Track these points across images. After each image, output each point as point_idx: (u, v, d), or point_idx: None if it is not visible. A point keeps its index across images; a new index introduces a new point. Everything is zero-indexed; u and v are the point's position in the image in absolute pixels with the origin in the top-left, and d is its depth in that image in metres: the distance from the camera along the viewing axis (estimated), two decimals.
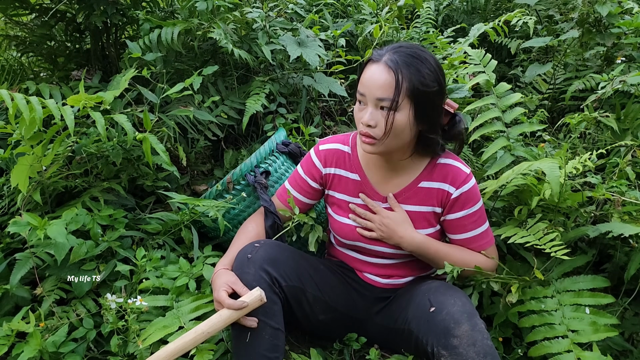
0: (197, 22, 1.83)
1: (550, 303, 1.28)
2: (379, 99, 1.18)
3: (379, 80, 1.17)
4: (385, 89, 1.17)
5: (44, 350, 1.16)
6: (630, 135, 1.69)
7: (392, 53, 1.20)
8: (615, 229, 1.25)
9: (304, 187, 1.44)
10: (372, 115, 1.19)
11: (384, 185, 1.35)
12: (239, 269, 1.22)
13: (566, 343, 1.19)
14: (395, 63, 1.17)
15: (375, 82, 1.18)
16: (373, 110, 1.19)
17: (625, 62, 2.03)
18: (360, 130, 1.23)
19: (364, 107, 1.22)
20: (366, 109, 1.21)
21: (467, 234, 1.30)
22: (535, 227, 1.31)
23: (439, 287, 1.26)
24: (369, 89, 1.19)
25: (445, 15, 3.22)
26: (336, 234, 1.42)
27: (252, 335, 1.16)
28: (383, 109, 1.18)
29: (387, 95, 1.17)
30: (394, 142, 1.22)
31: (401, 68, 1.17)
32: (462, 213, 1.30)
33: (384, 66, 1.18)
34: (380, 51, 1.23)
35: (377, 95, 1.17)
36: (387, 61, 1.18)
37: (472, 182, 1.30)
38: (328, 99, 2.40)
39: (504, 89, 1.61)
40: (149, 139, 1.39)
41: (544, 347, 1.21)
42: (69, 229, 1.28)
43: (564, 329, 1.22)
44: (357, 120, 1.25)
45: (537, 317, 1.27)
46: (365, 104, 1.22)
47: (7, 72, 2.06)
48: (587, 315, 1.22)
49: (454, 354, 1.08)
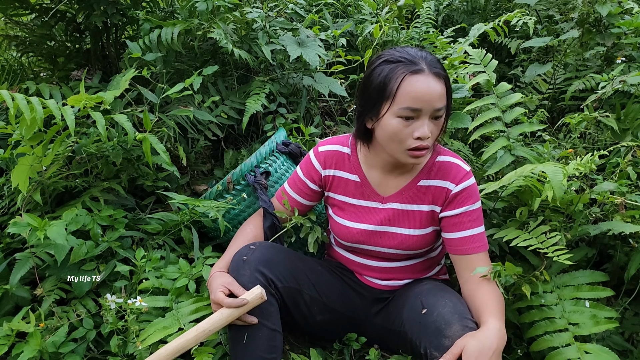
0: (197, 22, 1.83)
1: (550, 298, 1.27)
2: (437, 109, 1.16)
3: (435, 91, 1.14)
4: (442, 98, 1.16)
5: (44, 350, 1.16)
6: (631, 135, 1.69)
7: (431, 62, 1.17)
8: (616, 227, 1.26)
9: (302, 189, 1.44)
10: (429, 126, 1.17)
11: (383, 186, 1.35)
12: (234, 271, 1.22)
13: (567, 336, 1.19)
14: (441, 70, 1.17)
15: (433, 94, 1.14)
16: (428, 122, 1.17)
17: (625, 62, 2.03)
18: (416, 145, 1.17)
19: (410, 122, 1.17)
20: (416, 123, 1.17)
21: (463, 233, 1.28)
22: (538, 230, 1.31)
23: (431, 289, 1.26)
24: (428, 102, 1.14)
25: (445, 15, 3.22)
26: (336, 235, 1.42)
27: (249, 337, 1.16)
28: (435, 118, 1.18)
29: (444, 104, 1.18)
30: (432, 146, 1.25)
31: (445, 74, 1.18)
32: (460, 210, 1.28)
33: (433, 76, 1.15)
34: (413, 58, 1.17)
35: (437, 106, 1.15)
36: (434, 70, 1.16)
37: (471, 180, 1.29)
38: (328, 99, 2.40)
39: (504, 89, 1.61)
40: (149, 139, 1.39)
41: (545, 341, 1.21)
42: (69, 230, 1.29)
43: (564, 322, 1.21)
44: (402, 136, 1.18)
45: (537, 312, 1.26)
46: (415, 119, 1.16)
47: (7, 72, 2.06)
48: (587, 308, 1.22)
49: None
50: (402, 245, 1.33)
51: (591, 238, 1.43)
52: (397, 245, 1.33)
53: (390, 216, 1.33)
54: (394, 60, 1.17)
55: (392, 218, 1.33)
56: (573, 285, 1.29)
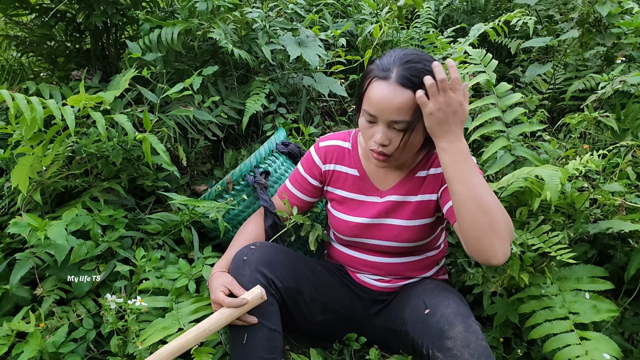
0: (197, 22, 1.83)
1: (550, 289, 1.27)
2: (393, 122, 1.12)
3: (392, 102, 1.10)
4: (401, 112, 1.10)
5: (44, 350, 1.16)
6: (630, 135, 1.69)
7: (403, 69, 1.10)
8: (616, 225, 1.26)
9: (304, 185, 1.44)
10: (385, 135, 1.14)
11: (382, 181, 1.35)
12: (235, 271, 1.22)
13: (567, 324, 1.18)
14: (410, 81, 1.09)
15: (389, 105, 1.10)
16: (385, 130, 1.14)
17: (625, 62, 2.03)
18: (373, 148, 1.18)
19: (372, 125, 1.16)
20: (376, 128, 1.15)
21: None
22: (539, 230, 1.31)
23: (434, 289, 1.26)
24: (381, 111, 1.11)
25: (445, 15, 3.22)
26: (334, 229, 1.42)
27: (249, 337, 1.16)
28: (396, 129, 1.14)
29: (403, 117, 1.11)
30: (406, 155, 1.22)
31: (416, 85, 1.09)
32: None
33: (396, 85, 1.10)
34: (385, 65, 1.13)
35: (392, 118, 1.11)
36: (401, 78, 1.09)
37: None
38: (328, 99, 2.40)
39: (504, 89, 1.61)
40: (149, 139, 1.39)
41: (544, 329, 1.20)
42: (69, 230, 1.29)
43: (565, 311, 1.21)
44: (365, 136, 1.20)
45: (537, 302, 1.26)
46: (375, 123, 1.16)
47: (7, 72, 2.06)
48: (588, 300, 1.22)
49: (448, 355, 1.08)
50: (399, 238, 1.33)
51: (591, 237, 1.43)
52: (394, 238, 1.33)
53: (387, 208, 1.33)
54: (376, 62, 1.17)
55: (389, 210, 1.33)
56: (573, 278, 1.29)
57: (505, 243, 1.07)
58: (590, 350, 1.11)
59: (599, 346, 1.11)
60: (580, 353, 1.11)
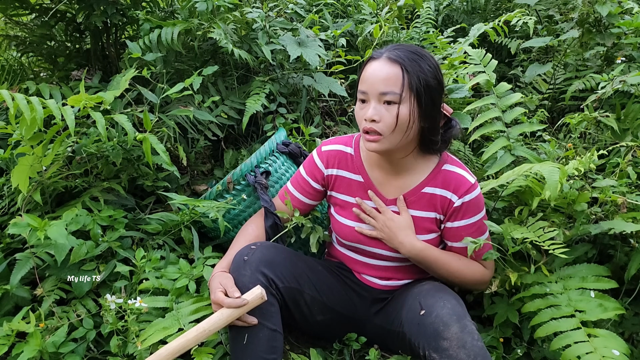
0: (197, 22, 1.83)
1: (554, 287, 1.27)
2: (382, 93, 1.17)
3: (381, 74, 1.18)
4: (389, 83, 1.17)
5: (44, 350, 1.16)
6: (630, 135, 1.69)
7: (393, 50, 1.20)
8: (617, 226, 1.26)
9: (305, 187, 1.44)
10: (375, 109, 1.18)
11: (387, 187, 1.35)
12: (235, 271, 1.22)
13: (574, 322, 1.18)
14: (398, 57, 1.18)
15: (377, 76, 1.18)
16: (376, 104, 1.19)
17: (625, 62, 2.03)
18: (364, 127, 1.21)
19: (365, 105, 1.22)
20: (368, 105, 1.20)
21: (461, 243, 1.30)
22: (536, 225, 1.31)
23: (430, 290, 1.26)
24: (372, 84, 1.18)
25: (445, 15, 3.22)
26: (337, 234, 1.42)
27: (250, 337, 1.16)
28: (387, 103, 1.18)
29: (391, 88, 1.17)
30: (398, 138, 1.21)
31: (404, 61, 1.17)
32: (461, 222, 1.29)
33: (386, 60, 1.19)
34: (379, 50, 1.24)
35: (381, 89, 1.17)
36: (390, 56, 1.19)
37: (475, 193, 1.29)
38: (328, 99, 2.40)
39: (504, 89, 1.61)
40: (149, 139, 1.39)
41: (550, 327, 1.20)
42: (69, 230, 1.28)
43: (571, 309, 1.21)
44: (359, 119, 1.24)
45: (542, 301, 1.26)
46: (366, 101, 1.21)
47: (7, 72, 2.06)
48: (593, 298, 1.22)
49: (444, 356, 1.08)
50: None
51: (592, 237, 1.43)
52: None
53: None
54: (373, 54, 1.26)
55: None
56: (578, 276, 1.29)
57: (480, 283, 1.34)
58: (598, 348, 1.10)
59: (607, 343, 1.10)
60: (589, 350, 1.10)
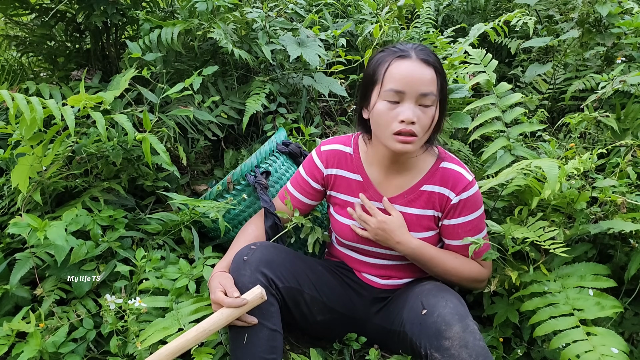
0: (197, 22, 1.83)
1: (553, 286, 1.27)
2: (423, 94, 1.17)
3: (422, 75, 1.16)
4: (429, 84, 1.17)
5: (44, 350, 1.16)
6: (630, 135, 1.69)
7: (419, 50, 1.19)
8: (617, 225, 1.26)
9: (305, 187, 1.44)
10: (414, 111, 1.17)
11: (386, 186, 1.35)
12: (235, 271, 1.22)
13: (572, 320, 1.18)
14: (430, 57, 1.18)
15: (416, 77, 1.16)
16: (413, 105, 1.17)
17: (625, 62, 2.03)
18: (400, 129, 1.17)
19: (396, 105, 1.18)
20: (400, 107, 1.17)
21: (462, 241, 1.30)
22: (536, 225, 1.31)
23: (432, 289, 1.26)
24: (411, 85, 1.16)
25: (445, 15, 3.22)
26: (337, 233, 1.42)
27: (250, 337, 1.16)
28: (421, 105, 1.18)
29: (431, 89, 1.17)
30: (425, 139, 1.23)
31: (435, 62, 1.18)
32: (459, 220, 1.30)
33: (419, 61, 1.17)
34: (401, 48, 1.20)
35: (422, 90, 1.16)
36: (422, 57, 1.18)
37: (473, 190, 1.29)
38: (328, 99, 2.40)
39: (504, 89, 1.61)
40: (149, 139, 1.39)
41: (549, 325, 1.20)
42: (69, 230, 1.28)
43: (569, 308, 1.21)
44: (386, 120, 1.19)
45: (541, 299, 1.25)
46: (399, 102, 1.18)
47: (7, 72, 2.06)
48: (591, 296, 1.22)
49: (446, 355, 1.08)
50: None
51: (591, 237, 1.43)
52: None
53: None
54: (386, 49, 1.23)
55: None
56: (576, 275, 1.29)
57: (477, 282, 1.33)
58: (597, 346, 1.10)
59: (605, 341, 1.10)
60: (588, 348, 1.10)
